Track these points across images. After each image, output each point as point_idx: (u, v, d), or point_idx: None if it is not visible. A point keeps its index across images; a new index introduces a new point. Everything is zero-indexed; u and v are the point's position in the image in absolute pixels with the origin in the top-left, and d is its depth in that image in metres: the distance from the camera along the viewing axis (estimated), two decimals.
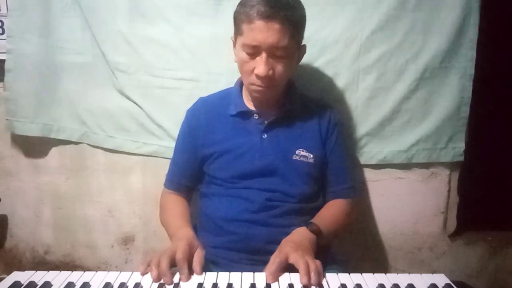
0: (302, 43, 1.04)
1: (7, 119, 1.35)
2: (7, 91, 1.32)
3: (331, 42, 1.24)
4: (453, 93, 1.27)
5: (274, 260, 0.83)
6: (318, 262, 0.83)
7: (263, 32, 0.92)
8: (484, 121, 1.36)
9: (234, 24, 1.00)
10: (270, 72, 0.96)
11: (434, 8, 1.21)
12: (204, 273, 0.82)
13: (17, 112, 1.34)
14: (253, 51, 0.95)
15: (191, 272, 0.82)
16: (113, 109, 1.32)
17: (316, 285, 0.79)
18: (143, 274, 0.82)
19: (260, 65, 0.95)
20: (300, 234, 0.94)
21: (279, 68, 0.97)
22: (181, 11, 1.24)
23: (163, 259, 0.81)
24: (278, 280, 0.80)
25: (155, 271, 0.80)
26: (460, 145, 1.31)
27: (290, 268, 0.83)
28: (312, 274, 0.79)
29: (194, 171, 1.12)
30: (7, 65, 1.31)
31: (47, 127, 1.35)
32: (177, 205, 1.11)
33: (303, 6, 0.99)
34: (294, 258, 0.83)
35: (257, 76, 0.97)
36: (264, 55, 0.94)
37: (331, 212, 1.08)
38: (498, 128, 1.45)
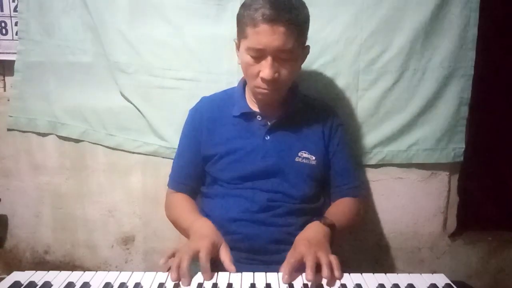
0: (306, 44, 1.04)
1: (10, 116, 1.36)
2: (16, 89, 1.35)
3: (331, 42, 1.24)
4: (452, 93, 1.27)
5: (289, 261, 0.82)
6: (333, 256, 0.82)
7: (268, 35, 0.91)
8: (483, 122, 1.36)
9: (238, 27, 1.00)
10: (276, 75, 0.96)
11: (434, 8, 1.21)
12: None
13: (22, 110, 1.36)
14: (258, 55, 0.95)
15: (214, 270, 0.81)
16: (115, 108, 1.33)
17: (328, 279, 0.77)
18: (166, 270, 0.81)
19: (265, 69, 0.94)
20: (314, 229, 0.93)
21: (285, 70, 0.97)
22: (181, 11, 1.24)
23: (184, 260, 0.79)
24: (293, 281, 0.79)
25: (175, 273, 0.78)
26: (460, 146, 1.31)
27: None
28: (324, 268, 0.78)
29: (198, 171, 1.12)
30: (16, 66, 1.33)
31: (50, 124, 1.36)
32: (185, 201, 1.10)
33: (307, 7, 0.98)
34: (306, 255, 0.81)
35: (263, 80, 0.96)
36: (269, 58, 0.94)
37: (341, 208, 1.08)
38: (498, 128, 1.45)
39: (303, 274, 0.81)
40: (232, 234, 1.00)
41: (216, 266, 0.84)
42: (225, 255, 0.85)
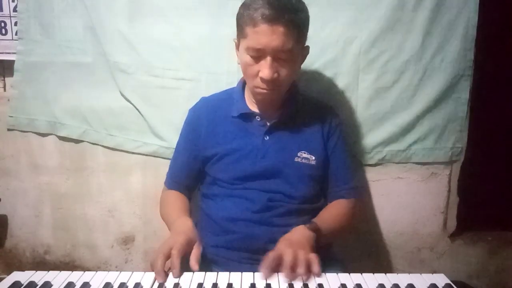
0: (305, 44, 1.04)
1: (10, 116, 1.36)
2: (15, 89, 1.35)
3: (331, 42, 1.24)
4: (452, 93, 1.27)
5: (268, 257, 0.83)
6: (312, 255, 0.83)
7: (268, 35, 0.91)
8: (483, 121, 1.36)
9: (237, 26, 1.00)
10: (275, 75, 0.95)
11: (433, 8, 1.21)
12: (204, 273, 0.82)
13: (22, 110, 1.35)
14: (258, 54, 0.95)
15: (184, 267, 0.82)
16: (115, 108, 1.33)
17: (302, 275, 0.79)
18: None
19: (265, 69, 0.94)
20: (298, 232, 0.94)
21: (284, 71, 0.97)
22: (181, 11, 1.24)
23: (158, 258, 0.82)
24: (270, 276, 0.81)
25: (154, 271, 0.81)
26: (459, 145, 1.31)
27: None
28: (300, 264, 0.80)
29: (195, 171, 1.13)
30: (16, 66, 1.33)
31: (50, 124, 1.36)
32: (176, 198, 1.12)
33: (307, 8, 0.98)
34: (285, 253, 0.83)
35: (262, 80, 0.96)
36: (269, 58, 0.94)
37: (333, 211, 1.08)
38: (497, 127, 1.45)
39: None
40: (232, 234, 1.00)
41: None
42: (193, 254, 0.86)
